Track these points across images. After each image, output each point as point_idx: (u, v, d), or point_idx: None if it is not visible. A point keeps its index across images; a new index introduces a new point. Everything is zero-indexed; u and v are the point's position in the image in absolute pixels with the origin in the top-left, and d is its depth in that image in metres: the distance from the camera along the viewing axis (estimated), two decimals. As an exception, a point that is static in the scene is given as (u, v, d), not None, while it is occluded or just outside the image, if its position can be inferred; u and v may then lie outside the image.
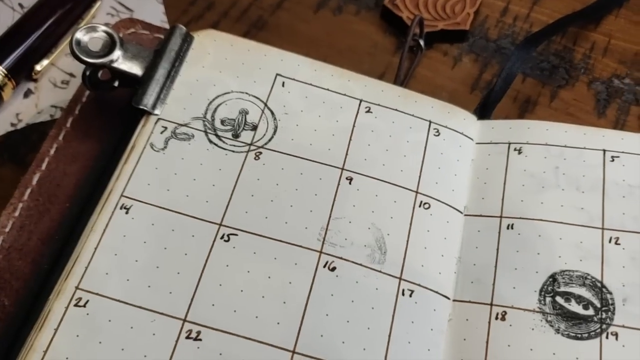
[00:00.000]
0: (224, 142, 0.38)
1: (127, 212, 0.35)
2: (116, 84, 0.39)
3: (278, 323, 0.32)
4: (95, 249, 0.33)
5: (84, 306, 0.32)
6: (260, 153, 0.38)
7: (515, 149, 0.39)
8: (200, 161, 0.37)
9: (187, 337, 0.32)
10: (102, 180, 0.37)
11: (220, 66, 0.40)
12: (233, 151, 0.37)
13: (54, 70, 0.46)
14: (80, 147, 0.39)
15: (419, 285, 0.35)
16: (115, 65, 0.38)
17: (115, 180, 0.35)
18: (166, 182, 0.36)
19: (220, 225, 0.35)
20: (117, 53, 0.38)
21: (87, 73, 0.39)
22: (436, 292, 0.35)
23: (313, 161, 0.38)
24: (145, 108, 0.37)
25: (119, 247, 0.34)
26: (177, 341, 0.32)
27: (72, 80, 0.46)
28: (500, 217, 0.37)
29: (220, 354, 0.31)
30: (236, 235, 0.35)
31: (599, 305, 0.34)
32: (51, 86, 0.45)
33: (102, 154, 0.38)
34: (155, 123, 0.37)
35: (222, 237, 0.35)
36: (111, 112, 0.40)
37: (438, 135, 0.40)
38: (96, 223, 0.34)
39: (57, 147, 0.39)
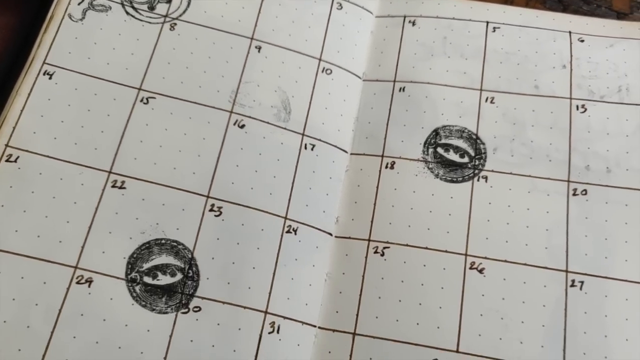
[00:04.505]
0: (140, 14, 0.40)
1: (50, 78, 0.37)
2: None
3: (194, 173, 0.37)
4: (22, 111, 0.36)
5: (15, 161, 0.35)
6: (175, 24, 0.40)
7: (409, 22, 0.43)
8: (118, 31, 0.39)
9: (113, 186, 0.36)
10: (23, 50, 0.39)
11: (134, -59, 0.42)
12: (149, 22, 0.40)
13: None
14: None
15: (319, 140, 0.39)
16: (29, -63, 0.39)
17: (36, 49, 0.38)
18: (86, 51, 0.38)
19: (140, 89, 0.38)
20: None
21: (2, -54, 0.40)
22: (335, 146, 0.39)
23: (224, 32, 0.41)
24: (61, -20, 0.39)
25: (44, 109, 0.37)
26: (103, 190, 0.36)
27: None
28: (394, 81, 0.42)
29: (143, 199, 0.36)
30: (154, 98, 0.38)
31: (473, 154, 0.39)
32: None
33: (20, 25, 0.40)
34: (73, -5, 0.40)
35: (141, 100, 0.38)
36: (29, -14, 0.41)
37: (341, 8, 0.43)
38: (21, 87, 0.37)
39: (-23, 20, 0.40)
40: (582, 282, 0.36)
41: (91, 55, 0.38)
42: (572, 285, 0.36)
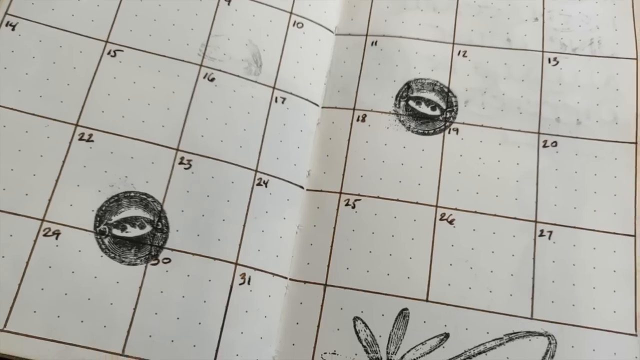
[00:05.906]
0: (106, -35, 0.39)
1: (13, 29, 0.37)
2: None
3: (163, 126, 0.36)
4: (-15, 63, 0.35)
5: (-21, 114, 0.35)
6: (143, -24, 0.40)
7: (382, -25, 0.43)
8: (83, -17, 0.39)
9: (80, 139, 0.35)
10: (-13, 2, 0.38)
11: None
12: (116, -26, 0.39)
13: None
14: (-38, -29, 0.39)
15: (290, 93, 0.39)
16: None
17: (-1, 0, 0.37)
18: (50, 2, 0.38)
19: (107, 42, 0.38)
20: None
21: None
22: (306, 100, 0.39)
23: (193, -16, 0.40)
24: None
25: (7, 62, 0.36)
26: (70, 143, 0.35)
27: None
28: (366, 35, 0.41)
29: (112, 152, 0.35)
30: (122, 51, 0.38)
31: (444, 107, 0.39)
32: None
33: (-15, -23, 0.39)
34: (36, -55, 0.39)
35: (108, 53, 0.37)
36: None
37: (312, -39, 0.43)
38: (-16, 39, 0.36)
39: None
40: (550, 232, 0.36)
41: (55, 7, 0.38)
42: (541, 235, 0.36)
